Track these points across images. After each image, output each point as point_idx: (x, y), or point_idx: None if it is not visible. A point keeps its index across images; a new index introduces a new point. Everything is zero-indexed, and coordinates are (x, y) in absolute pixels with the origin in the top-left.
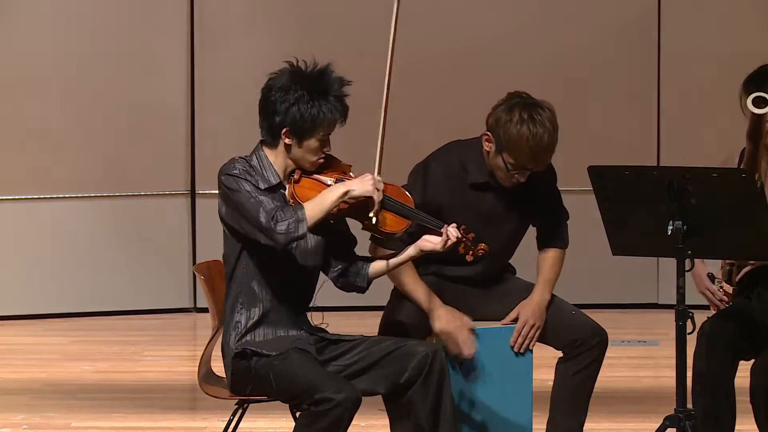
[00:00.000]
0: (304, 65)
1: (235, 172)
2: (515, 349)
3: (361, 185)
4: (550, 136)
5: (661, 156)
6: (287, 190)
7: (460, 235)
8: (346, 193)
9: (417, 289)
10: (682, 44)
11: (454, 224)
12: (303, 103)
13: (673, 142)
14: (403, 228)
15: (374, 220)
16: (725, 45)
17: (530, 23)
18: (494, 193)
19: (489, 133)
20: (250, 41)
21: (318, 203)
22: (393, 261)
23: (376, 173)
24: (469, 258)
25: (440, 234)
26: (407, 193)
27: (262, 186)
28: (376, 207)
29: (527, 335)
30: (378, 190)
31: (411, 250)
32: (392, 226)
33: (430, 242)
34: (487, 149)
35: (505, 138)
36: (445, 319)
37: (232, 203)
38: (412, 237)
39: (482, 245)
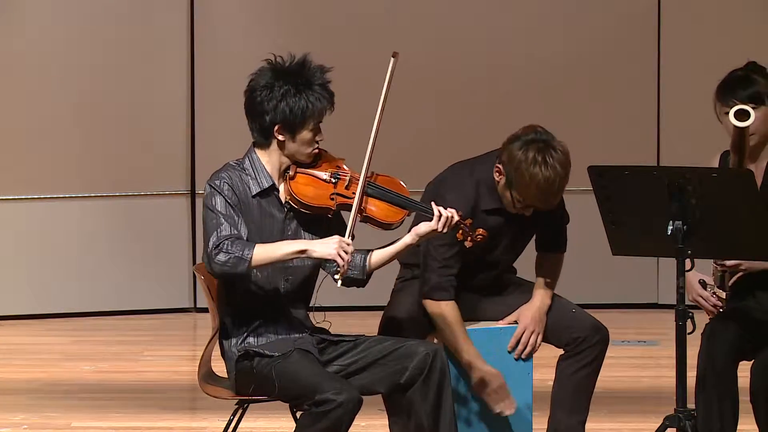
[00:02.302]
0: (282, 60)
1: (216, 183)
2: (515, 356)
3: (324, 248)
4: (561, 181)
5: (661, 156)
6: (283, 188)
7: (453, 216)
8: (303, 251)
9: (465, 346)
10: (682, 44)
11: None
12: (290, 97)
13: (673, 142)
14: (400, 218)
15: (339, 282)
16: (725, 44)
17: (530, 23)
18: (505, 216)
19: (501, 165)
20: (250, 41)
21: (270, 250)
22: (391, 250)
23: (348, 234)
24: (468, 244)
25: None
26: (402, 183)
27: (254, 190)
28: (341, 270)
29: (527, 342)
30: (345, 253)
31: (408, 238)
32: (389, 217)
33: (426, 224)
34: (497, 179)
35: (516, 177)
36: (487, 382)
37: (203, 214)
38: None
39: (480, 231)
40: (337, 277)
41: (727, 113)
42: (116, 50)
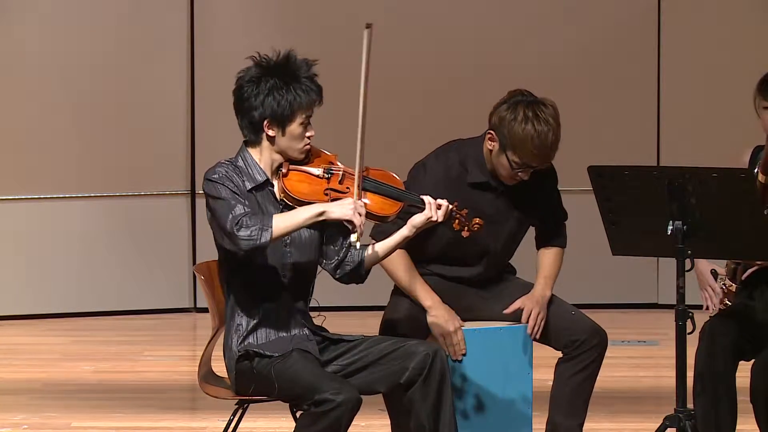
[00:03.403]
0: (268, 57)
1: (214, 177)
2: (528, 331)
3: (340, 208)
4: (555, 134)
5: (661, 156)
6: (276, 186)
7: (448, 204)
8: (322, 213)
9: (415, 285)
10: (682, 44)
11: (445, 200)
12: (276, 90)
13: (673, 142)
14: (395, 210)
15: (358, 244)
16: (725, 45)
17: (530, 23)
18: (494, 193)
19: (492, 131)
20: (250, 41)
21: (289, 217)
22: (389, 244)
23: (356, 196)
24: (465, 234)
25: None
26: (395, 175)
27: (248, 186)
28: (358, 231)
29: (536, 319)
30: (359, 215)
31: (404, 230)
32: (385, 210)
33: (420, 215)
34: (490, 148)
35: (509, 137)
36: (442, 319)
37: (209, 208)
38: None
39: (477, 219)
40: (353, 238)
41: (767, 107)
42: (116, 50)
